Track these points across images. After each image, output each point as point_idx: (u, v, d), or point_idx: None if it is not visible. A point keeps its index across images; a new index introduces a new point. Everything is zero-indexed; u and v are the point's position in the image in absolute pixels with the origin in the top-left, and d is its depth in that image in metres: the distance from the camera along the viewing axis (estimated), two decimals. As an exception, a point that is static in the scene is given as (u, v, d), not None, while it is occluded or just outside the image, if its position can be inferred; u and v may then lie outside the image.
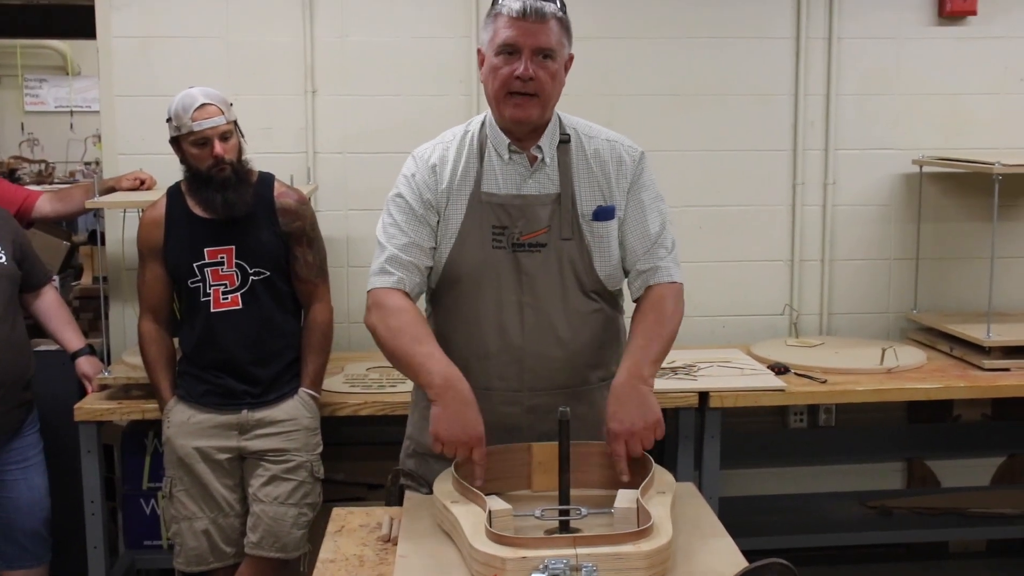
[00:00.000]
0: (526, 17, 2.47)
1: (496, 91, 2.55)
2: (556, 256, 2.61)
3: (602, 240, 2.65)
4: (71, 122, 10.48)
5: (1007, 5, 4.72)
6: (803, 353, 4.39)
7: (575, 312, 2.65)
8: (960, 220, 4.81)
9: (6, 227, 3.77)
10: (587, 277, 2.65)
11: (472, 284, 2.63)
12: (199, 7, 4.41)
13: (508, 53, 2.50)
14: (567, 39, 2.57)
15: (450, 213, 2.64)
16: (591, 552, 1.98)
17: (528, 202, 2.61)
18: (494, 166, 2.64)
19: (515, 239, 2.61)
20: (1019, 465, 5.01)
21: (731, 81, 4.65)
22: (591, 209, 2.64)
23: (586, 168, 2.66)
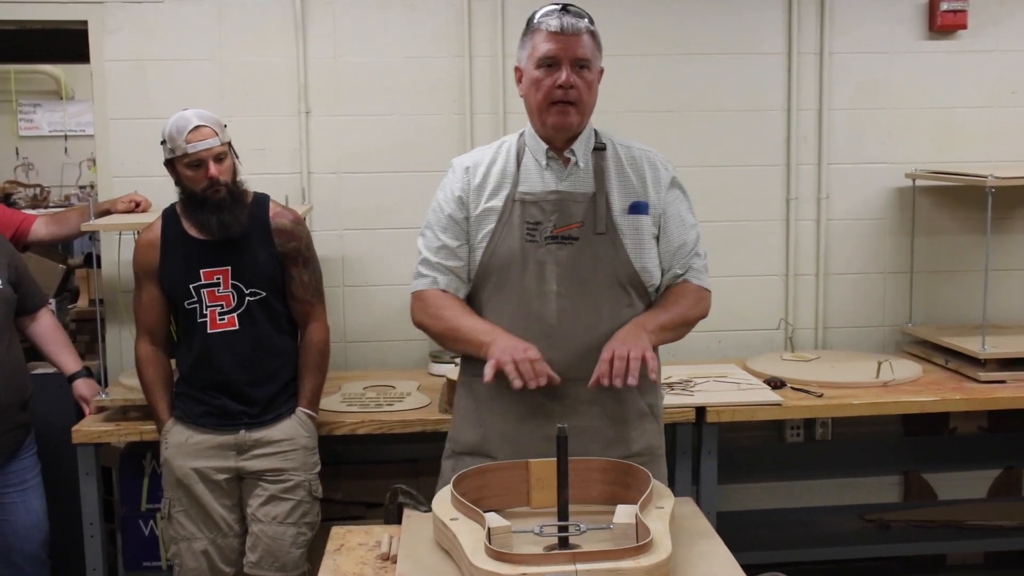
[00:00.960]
0: (564, 32, 2.70)
1: (539, 102, 2.76)
2: (590, 249, 2.78)
3: (637, 232, 2.82)
4: (65, 146, 10.49)
5: (997, 18, 4.74)
6: (799, 367, 4.39)
7: (608, 304, 2.80)
8: (954, 233, 4.82)
9: (1, 251, 3.77)
10: (622, 269, 2.80)
11: (505, 276, 2.79)
12: (192, 29, 4.42)
13: (548, 65, 2.72)
14: (599, 51, 2.80)
15: (486, 211, 2.83)
16: (591, 568, 1.98)
17: (562, 198, 2.80)
18: (531, 170, 2.83)
19: (548, 232, 2.78)
20: (1016, 477, 5.00)
21: (724, 97, 4.66)
22: (625, 205, 2.83)
23: (620, 172, 2.86)
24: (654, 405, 2.93)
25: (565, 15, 2.73)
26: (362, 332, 4.60)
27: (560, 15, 2.73)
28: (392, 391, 4.15)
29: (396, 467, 4.38)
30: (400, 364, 4.61)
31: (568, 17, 2.72)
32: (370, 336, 4.61)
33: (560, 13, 2.73)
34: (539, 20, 2.75)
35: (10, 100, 10.61)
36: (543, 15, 2.76)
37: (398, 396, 4.07)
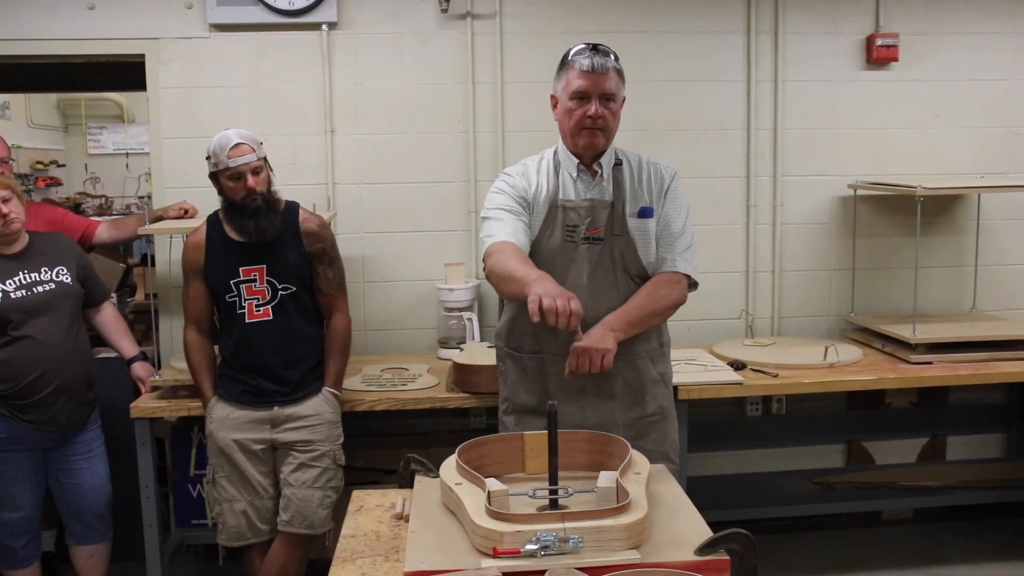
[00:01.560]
0: (594, 71, 2.81)
1: (572, 128, 2.88)
2: (610, 248, 2.93)
3: (643, 234, 2.95)
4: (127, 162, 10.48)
5: (924, 53, 4.71)
6: (758, 351, 4.36)
7: (625, 293, 2.94)
8: (889, 236, 4.79)
9: (71, 252, 3.78)
10: (633, 265, 2.95)
11: (549, 270, 2.79)
12: (234, 61, 4.39)
13: (580, 98, 2.84)
14: (623, 84, 2.90)
15: (535, 215, 2.95)
16: (577, 526, 1.97)
17: (593, 204, 2.94)
18: (567, 181, 2.95)
19: (583, 234, 2.92)
20: (941, 444, 4.99)
21: (691, 118, 4.63)
22: (636, 210, 2.95)
23: (632, 183, 2.98)
24: (664, 373, 3.10)
25: (596, 55, 2.81)
26: (380, 322, 4.56)
27: (591, 55, 2.81)
28: (406, 373, 4.11)
29: (409, 439, 4.36)
30: (413, 350, 4.57)
31: (598, 57, 2.81)
32: (387, 325, 4.57)
33: (591, 53, 2.82)
34: (573, 58, 2.85)
35: (80, 123, 10.62)
36: (576, 53, 2.85)
37: (411, 377, 4.04)
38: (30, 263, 3.62)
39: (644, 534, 2.01)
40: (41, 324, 3.54)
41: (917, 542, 4.72)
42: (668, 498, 2.31)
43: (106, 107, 10.61)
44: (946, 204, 4.80)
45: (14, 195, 3.59)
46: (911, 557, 4.54)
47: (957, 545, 4.65)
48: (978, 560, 4.49)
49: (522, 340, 3.04)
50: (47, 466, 3.71)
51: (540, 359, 2.99)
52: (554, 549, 1.92)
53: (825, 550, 4.62)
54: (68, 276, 3.68)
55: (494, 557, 1.94)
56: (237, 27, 4.36)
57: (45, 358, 3.53)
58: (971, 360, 4.17)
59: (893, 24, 4.66)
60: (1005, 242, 4.87)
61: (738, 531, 1.95)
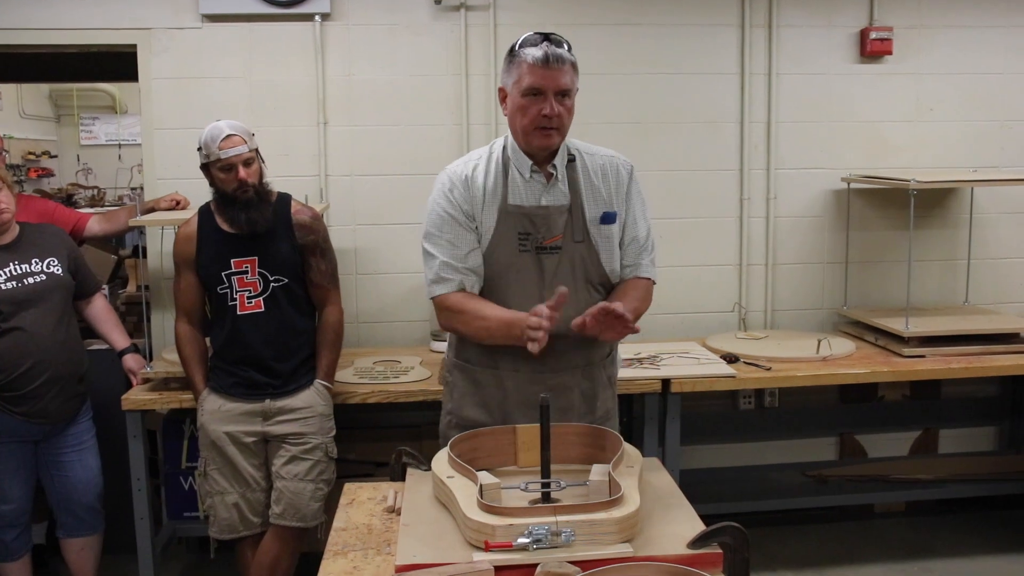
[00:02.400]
0: (548, 65, 2.53)
1: (525, 126, 2.61)
2: (569, 257, 2.68)
3: (607, 241, 2.71)
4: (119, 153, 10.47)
5: (918, 47, 4.71)
6: (750, 344, 4.36)
7: (585, 303, 2.63)
8: (882, 229, 4.79)
9: (62, 244, 3.76)
10: (595, 272, 2.71)
11: (502, 281, 2.68)
12: (225, 52, 4.37)
13: (533, 95, 2.56)
14: (577, 76, 2.62)
15: (483, 221, 2.67)
16: (569, 519, 1.95)
17: (548, 212, 2.66)
18: (518, 183, 2.68)
19: (538, 243, 2.66)
20: (933, 437, 5.00)
21: (686, 110, 4.62)
22: (597, 215, 2.70)
23: (589, 182, 2.72)
24: (612, 375, 2.92)
25: (549, 46, 2.54)
26: (372, 314, 4.55)
27: (545, 46, 2.54)
28: (398, 365, 4.10)
29: (401, 431, 4.34)
30: (405, 342, 4.57)
31: (552, 48, 2.54)
32: (379, 317, 4.56)
33: (544, 44, 2.54)
34: (524, 50, 2.57)
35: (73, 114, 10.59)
36: (527, 44, 2.57)
37: (403, 370, 4.03)
38: (20, 254, 3.60)
39: (636, 527, 2.01)
40: (32, 316, 3.52)
41: (909, 535, 4.73)
42: (661, 491, 2.30)
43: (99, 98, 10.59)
44: (939, 197, 4.80)
45: (4, 186, 3.57)
46: (903, 550, 4.55)
47: (949, 538, 4.66)
48: (969, 553, 4.50)
49: (473, 352, 2.78)
50: (38, 458, 3.69)
51: (496, 374, 2.74)
52: (546, 543, 1.91)
53: (817, 543, 4.63)
54: (59, 268, 3.66)
55: (486, 551, 1.93)
56: (229, 17, 4.34)
57: (35, 350, 3.51)
58: (964, 353, 4.17)
59: (887, 18, 4.66)
60: (998, 236, 4.87)
61: (730, 524, 1.95)
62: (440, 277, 2.66)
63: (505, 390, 2.75)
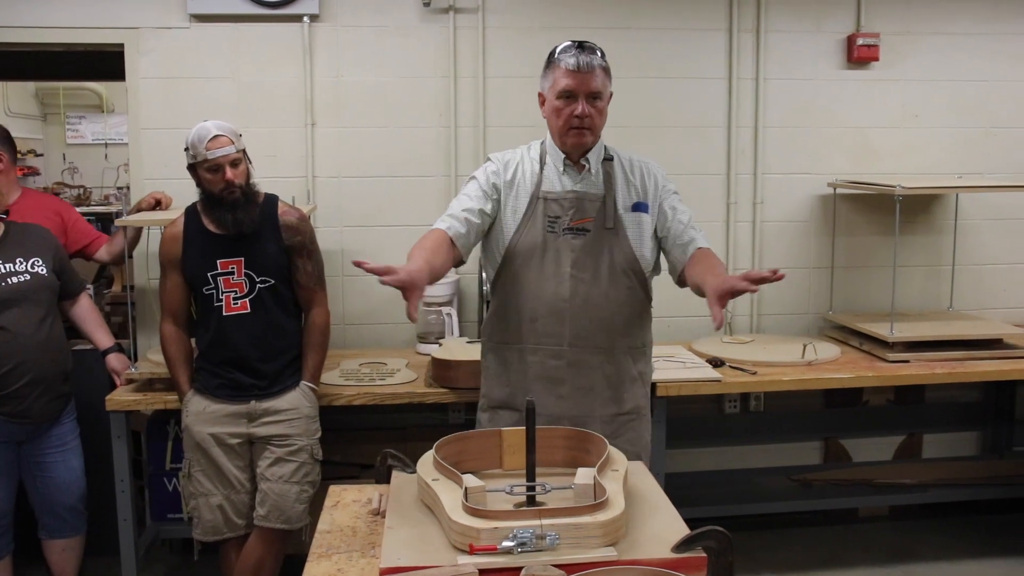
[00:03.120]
0: (580, 70, 2.76)
1: (560, 127, 2.85)
2: (599, 240, 2.89)
3: (639, 227, 2.92)
4: (106, 153, 10.41)
5: (904, 53, 4.73)
6: (736, 349, 4.37)
7: (611, 286, 2.90)
8: (868, 234, 4.81)
9: (48, 244, 3.74)
10: (623, 257, 2.90)
11: (527, 260, 2.88)
12: (213, 52, 4.36)
13: (567, 97, 2.81)
14: (609, 81, 2.86)
15: (515, 205, 2.91)
16: (554, 523, 1.95)
17: (578, 196, 2.89)
18: (551, 173, 2.92)
19: (565, 225, 2.88)
20: (917, 442, 5.02)
21: (673, 115, 4.63)
22: (629, 204, 2.93)
23: (625, 178, 2.96)
24: (644, 372, 3.07)
25: (582, 53, 2.77)
26: (359, 316, 4.54)
27: (577, 53, 2.77)
28: (384, 367, 4.10)
29: (387, 433, 4.34)
30: (391, 344, 4.56)
31: (584, 55, 2.77)
32: (366, 320, 4.55)
33: (577, 51, 2.78)
34: (559, 56, 2.80)
35: (59, 113, 10.53)
36: (562, 51, 2.80)
37: (389, 372, 4.02)
38: (5, 254, 3.58)
39: (621, 531, 2.01)
40: (14, 315, 3.51)
41: (893, 539, 4.74)
42: (646, 495, 2.30)
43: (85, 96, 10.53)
44: (925, 203, 4.82)
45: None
46: (887, 554, 4.57)
47: (932, 542, 4.68)
48: (953, 557, 4.52)
49: (504, 333, 2.99)
50: (20, 459, 3.67)
51: (520, 349, 2.96)
52: (531, 546, 1.91)
53: (802, 547, 4.64)
54: (44, 268, 3.64)
55: (471, 554, 1.93)
56: (217, 18, 4.33)
57: (18, 350, 3.49)
58: (948, 359, 4.19)
59: (874, 24, 4.68)
60: (982, 242, 4.90)
61: (714, 528, 1.95)
62: (441, 219, 2.88)
63: (527, 364, 2.94)
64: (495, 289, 3.02)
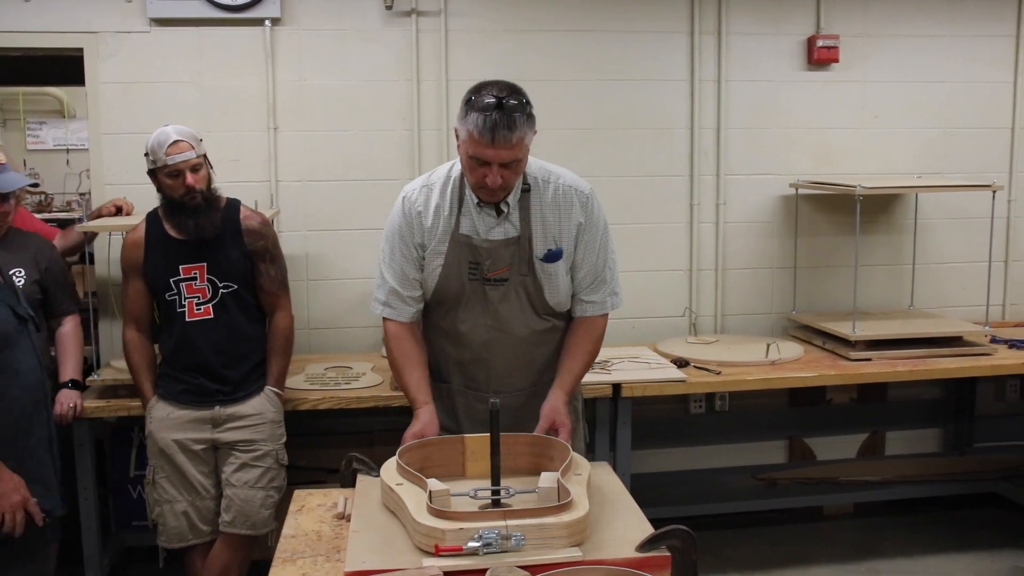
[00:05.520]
0: (493, 143, 2.46)
1: (471, 183, 2.63)
2: (515, 288, 2.75)
3: (551, 277, 2.75)
4: (67, 158, 10.26)
5: (864, 54, 4.78)
6: (701, 349, 4.39)
7: (532, 331, 2.80)
8: (829, 234, 4.85)
9: (39, 256, 3.71)
10: (540, 304, 2.78)
11: (453, 306, 2.77)
12: (174, 56, 4.32)
13: (479, 162, 2.53)
14: (531, 133, 2.55)
15: (436, 247, 2.74)
16: (519, 523, 1.97)
17: (494, 246, 2.71)
18: (471, 212, 2.71)
19: (484, 274, 2.73)
20: (880, 439, 5.07)
21: (636, 116, 4.65)
22: (543, 252, 2.73)
23: (542, 216, 2.73)
24: (577, 408, 2.97)
25: (500, 120, 2.43)
26: (323, 320, 4.52)
27: (495, 119, 2.43)
28: (349, 371, 4.09)
29: (353, 438, 4.32)
30: (357, 348, 4.54)
31: (501, 127, 2.43)
32: (330, 324, 4.54)
33: (496, 115, 2.43)
34: (472, 115, 2.47)
35: (19, 119, 10.38)
36: (478, 107, 2.46)
37: (355, 376, 4.02)
38: None
39: (586, 532, 2.02)
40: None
41: (856, 536, 4.79)
42: (610, 496, 2.31)
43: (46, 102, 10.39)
44: (885, 203, 4.87)
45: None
46: (850, 551, 4.60)
47: (896, 539, 4.72)
48: (915, 553, 4.56)
49: (435, 369, 2.88)
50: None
51: (448, 388, 2.88)
52: (496, 547, 1.92)
53: (767, 545, 4.67)
54: (23, 278, 3.60)
55: (436, 555, 1.93)
56: (178, 21, 4.29)
57: None
58: (909, 357, 4.23)
59: (833, 26, 4.72)
60: (941, 241, 4.96)
61: (678, 527, 1.96)
62: (388, 302, 2.80)
63: (456, 403, 2.88)
64: (424, 326, 2.90)
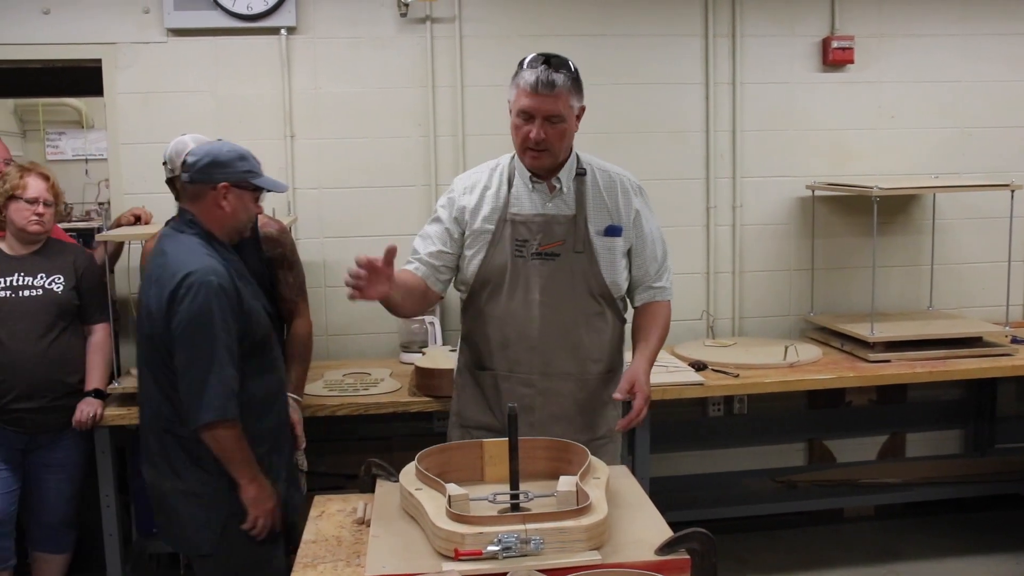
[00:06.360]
0: (538, 92, 2.59)
1: (518, 145, 2.71)
2: (569, 265, 2.76)
3: (610, 252, 2.79)
4: (86, 168, 10.32)
5: (879, 55, 4.77)
6: (719, 352, 4.38)
7: (582, 312, 2.80)
8: (846, 236, 4.84)
9: (77, 263, 3.75)
10: (595, 283, 2.79)
11: (496, 287, 2.77)
12: (191, 65, 4.35)
13: (525, 118, 2.65)
14: (577, 98, 2.69)
15: (481, 231, 2.78)
16: (538, 527, 1.96)
17: (547, 219, 2.75)
18: (520, 192, 2.77)
19: (534, 249, 2.75)
20: (900, 441, 5.05)
21: (651, 120, 4.65)
22: (602, 227, 2.79)
23: (597, 196, 2.80)
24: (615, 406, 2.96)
25: (545, 70, 2.60)
26: (342, 327, 4.54)
27: (540, 71, 2.60)
28: (368, 377, 4.09)
29: (371, 443, 4.33)
30: (375, 354, 4.55)
31: (545, 75, 2.59)
32: (349, 330, 4.55)
33: (541, 68, 2.60)
34: (522, 71, 2.64)
35: (38, 129, 10.45)
36: (527, 66, 2.64)
37: (373, 382, 4.02)
38: (29, 267, 3.63)
39: (605, 535, 2.01)
40: (12, 328, 3.53)
41: (878, 539, 4.76)
42: (629, 499, 2.31)
43: (65, 112, 10.47)
44: (902, 204, 4.85)
45: (54, 206, 3.69)
46: (872, 554, 4.58)
47: (917, 541, 4.70)
48: (937, 556, 4.54)
49: (476, 357, 2.91)
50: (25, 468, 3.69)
51: (493, 375, 2.87)
52: (516, 550, 1.92)
53: (787, 548, 4.65)
54: (60, 286, 3.65)
55: (455, 559, 1.93)
56: (195, 32, 4.32)
57: (9, 362, 3.51)
58: (928, 358, 4.21)
59: (848, 27, 4.71)
60: (960, 241, 4.93)
61: (698, 530, 1.96)
62: (408, 260, 2.84)
63: (500, 391, 2.85)
64: (465, 312, 2.94)
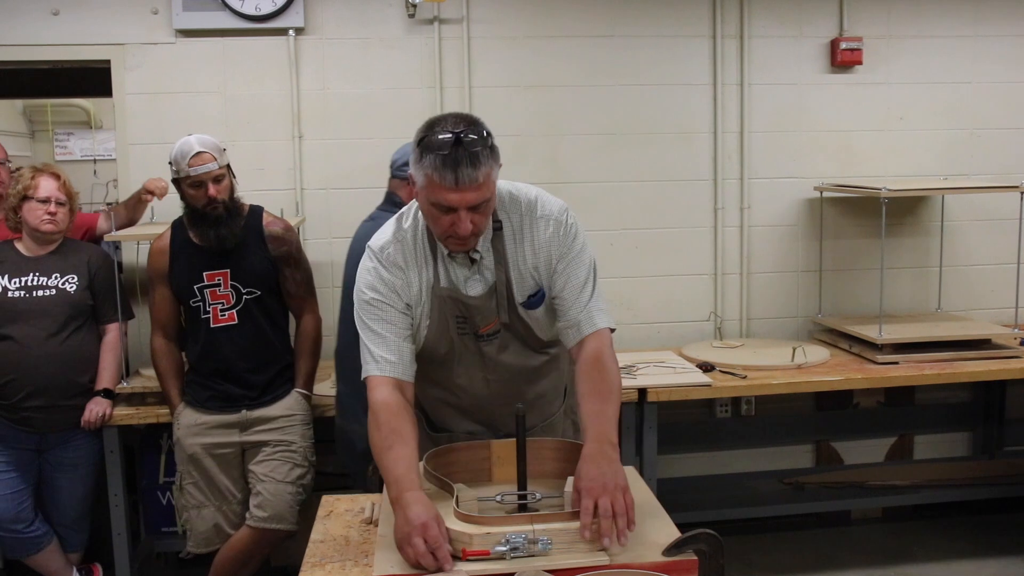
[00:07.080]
0: (459, 188, 2.13)
1: (438, 234, 2.29)
2: (509, 335, 2.47)
3: (537, 320, 2.46)
4: (95, 169, 10.35)
5: (888, 56, 4.75)
6: (726, 353, 4.37)
7: (532, 369, 2.55)
8: (855, 237, 4.82)
9: (91, 263, 3.74)
10: (535, 343, 2.51)
11: (446, 361, 2.49)
12: (200, 66, 4.36)
13: (444, 210, 2.18)
14: (496, 164, 2.22)
15: (420, 304, 2.39)
16: (546, 528, 1.95)
17: (477, 302, 2.39)
18: (444, 262, 2.38)
19: (476, 330, 2.43)
20: (908, 443, 5.03)
21: (659, 121, 4.64)
22: (524, 297, 2.43)
23: (517, 252, 2.41)
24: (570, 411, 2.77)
25: (460, 161, 2.11)
26: (350, 327, 4.53)
27: (454, 161, 2.10)
28: (376, 377, 4.08)
29: (380, 443, 4.31)
30: (383, 354, 4.53)
31: (464, 167, 2.11)
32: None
33: (454, 152, 2.11)
34: (431, 157, 2.13)
35: (47, 130, 10.48)
36: (436, 149, 2.12)
37: (381, 381, 4.01)
38: (44, 267, 3.64)
39: (612, 536, 2.00)
40: (25, 328, 3.54)
41: (886, 541, 4.75)
42: (637, 500, 2.29)
43: (73, 113, 10.49)
44: (910, 205, 4.84)
45: (69, 205, 3.67)
46: (880, 556, 4.57)
47: (925, 543, 4.68)
48: (946, 558, 4.52)
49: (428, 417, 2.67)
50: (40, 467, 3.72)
51: (449, 438, 2.60)
52: (523, 551, 1.91)
53: (794, 550, 4.64)
54: (74, 285, 3.65)
55: (463, 559, 1.93)
56: (203, 32, 4.33)
57: (19, 361, 3.52)
58: (937, 360, 4.20)
59: (856, 28, 4.70)
60: (969, 243, 4.91)
61: (705, 531, 1.95)
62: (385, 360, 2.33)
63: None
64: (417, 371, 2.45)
